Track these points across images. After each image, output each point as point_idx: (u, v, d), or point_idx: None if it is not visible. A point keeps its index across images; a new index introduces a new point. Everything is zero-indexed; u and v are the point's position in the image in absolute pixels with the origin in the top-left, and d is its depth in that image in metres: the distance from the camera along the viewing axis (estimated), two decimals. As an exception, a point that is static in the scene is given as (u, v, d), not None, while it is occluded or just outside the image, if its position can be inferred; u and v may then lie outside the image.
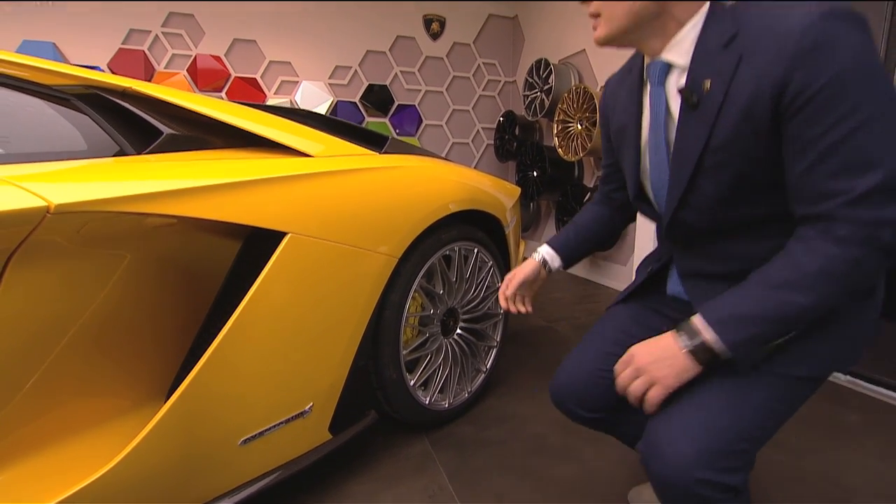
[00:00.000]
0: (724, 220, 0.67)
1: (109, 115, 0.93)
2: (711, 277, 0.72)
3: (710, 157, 0.62)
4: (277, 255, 0.90)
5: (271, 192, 0.91)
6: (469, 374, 1.53)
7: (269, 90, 3.86)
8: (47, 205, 0.65)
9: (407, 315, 1.23)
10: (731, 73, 0.57)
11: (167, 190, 0.77)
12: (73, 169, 0.78)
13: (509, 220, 1.65)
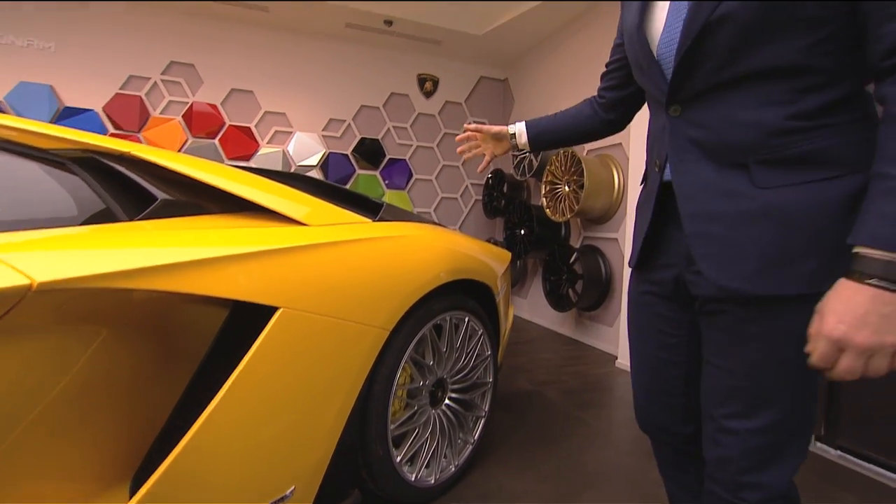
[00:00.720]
0: (740, 66, 0.59)
1: (105, 180, 0.91)
2: (702, 150, 0.65)
3: None
4: (268, 331, 0.86)
5: (264, 266, 0.89)
6: (456, 447, 1.47)
7: (263, 139, 3.92)
8: (30, 282, 0.62)
9: (396, 387, 1.19)
10: None
11: (156, 265, 0.74)
12: (60, 237, 0.75)
13: (500, 287, 1.64)
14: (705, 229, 0.64)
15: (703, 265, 0.64)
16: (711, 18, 0.59)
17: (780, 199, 0.59)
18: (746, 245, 0.61)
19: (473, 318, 1.48)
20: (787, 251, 0.59)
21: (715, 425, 0.68)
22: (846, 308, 0.50)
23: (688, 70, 0.64)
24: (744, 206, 0.61)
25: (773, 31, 0.56)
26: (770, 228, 0.59)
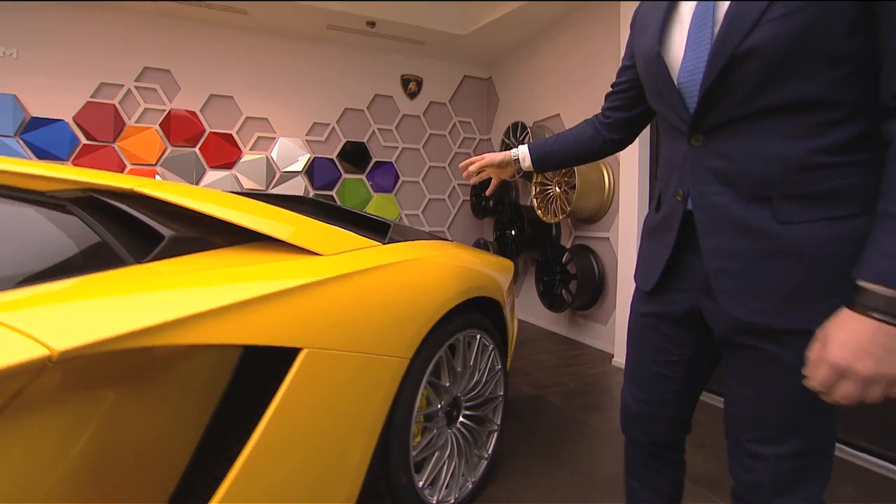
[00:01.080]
0: (767, 98, 0.60)
1: (108, 220, 0.86)
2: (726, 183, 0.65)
3: (780, 5, 0.56)
4: (293, 374, 0.83)
5: (285, 306, 0.85)
6: (472, 462, 1.46)
7: (245, 146, 3.81)
8: (50, 353, 0.58)
9: (416, 414, 1.17)
10: None
11: (177, 318, 0.70)
12: (72, 291, 0.70)
13: (507, 300, 1.64)
14: (726, 265, 0.65)
15: (724, 300, 0.66)
16: (738, 52, 0.59)
17: (803, 235, 0.60)
18: (767, 282, 0.62)
19: (484, 335, 1.47)
20: (808, 287, 0.60)
21: (742, 450, 0.70)
22: (850, 338, 0.52)
23: (712, 101, 0.64)
24: (765, 244, 0.62)
25: (798, 65, 0.57)
26: (791, 266, 0.61)
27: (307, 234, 1.06)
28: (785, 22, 0.55)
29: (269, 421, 0.80)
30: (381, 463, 1.11)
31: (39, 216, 0.80)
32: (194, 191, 1.01)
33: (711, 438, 1.88)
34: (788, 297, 0.61)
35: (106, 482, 0.76)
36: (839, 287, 0.58)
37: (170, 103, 3.57)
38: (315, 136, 4.03)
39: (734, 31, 0.59)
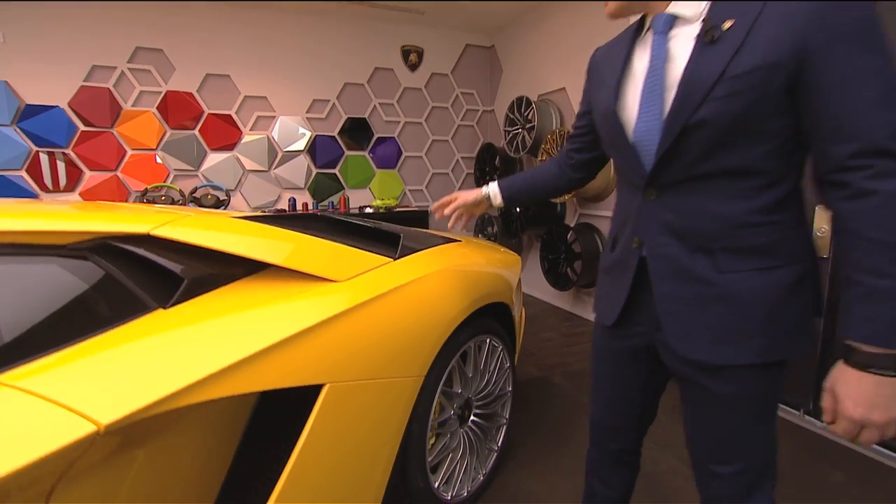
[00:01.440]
0: (712, 163, 0.69)
1: (129, 266, 0.88)
2: (675, 236, 0.75)
3: (723, 86, 0.65)
4: (318, 410, 0.88)
5: (308, 345, 0.89)
6: (483, 456, 1.54)
7: (245, 126, 3.76)
8: (97, 428, 0.62)
9: (431, 423, 1.23)
10: (757, 14, 0.64)
11: (210, 375, 0.74)
12: (107, 350, 0.74)
13: (515, 300, 1.67)
14: (674, 308, 0.76)
15: (671, 338, 0.77)
16: (690, 122, 0.68)
17: (738, 283, 0.71)
18: (708, 323, 0.73)
19: (494, 338, 1.51)
20: (742, 328, 0.71)
21: (703, 470, 0.83)
22: (858, 393, 0.62)
23: (667, 162, 0.72)
24: (707, 291, 0.73)
25: (738, 137, 0.67)
26: (727, 309, 0.72)
27: (321, 260, 1.08)
28: (727, 102, 0.65)
29: (300, 452, 0.85)
30: (400, 471, 1.18)
31: (64, 270, 0.82)
32: (209, 222, 1.02)
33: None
34: (726, 337, 0.72)
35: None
36: (765, 328, 0.70)
37: (165, 85, 3.49)
38: (315, 114, 3.95)
39: (687, 103, 0.67)
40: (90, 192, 3.38)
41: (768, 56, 0.62)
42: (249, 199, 3.84)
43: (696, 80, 0.67)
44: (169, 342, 0.79)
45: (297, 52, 3.82)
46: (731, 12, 0.65)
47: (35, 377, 0.67)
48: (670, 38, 0.71)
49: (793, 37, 0.61)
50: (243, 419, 0.93)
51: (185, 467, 0.84)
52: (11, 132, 3.12)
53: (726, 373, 0.73)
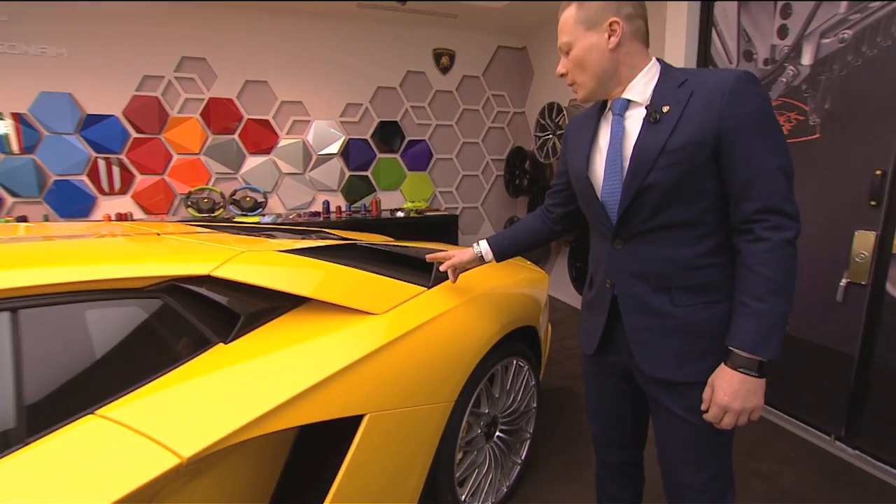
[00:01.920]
0: (662, 218, 0.87)
1: (194, 305, 0.99)
2: (640, 278, 0.92)
3: (665, 157, 0.83)
4: (359, 438, 0.98)
5: (351, 380, 0.98)
6: (507, 468, 1.63)
7: (282, 130, 3.89)
8: (180, 460, 0.73)
9: (459, 442, 1.32)
10: (686, 101, 0.83)
11: (269, 410, 0.85)
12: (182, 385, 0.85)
13: (542, 320, 1.73)
14: (642, 337, 0.93)
15: (640, 361, 0.94)
16: (643, 185, 0.86)
17: (689, 314, 0.89)
18: (670, 348, 0.90)
19: (520, 359, 1.58)
20: (694, 352, 0.89)
21: (674, 483, 0.97)
22: (728, 386, 0.82)
23: (627, 218, 0.91)
24: (667, 323, 0.90)
25: (680, 197, 0.85)
26: (683, 337, 0.89)
27: (360, 294, 1.17)
28: (669, 170, 0.83)
29: (342, 476, 0.96)
30: (430, 487, 1.28)
31: (142, 311, 0.93)
32: (260, 258, 1.12)
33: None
34: (682, 359, 0.90)
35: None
36: (712, 351, 0.87)
37: (208, 92, 3.65)
38: (349, 118, 4.06)
39: (638, 171, 0.86)
40: (141, 194, 3.60)
41: (696, 135, 0.81)
42: (285, 201, 3.99)
43: (644, 152, 0.85)
44: (232, 377, 0.90)
45: (331, 57, 3.91)
46: (668, 99, 0.85)
47: (127, 409, 0.79)
48: (626, 118, 0.90)
49: (712, 121, 0.80)
50: (287, 446, 1.04)
51: (240, 493, 0.96)
52: (75, 140, 3.35)
53: (685, 390, 0.90)
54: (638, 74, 0.90)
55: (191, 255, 1.06)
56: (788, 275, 0.80)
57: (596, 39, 0.89)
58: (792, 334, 2.11)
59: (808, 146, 2.05)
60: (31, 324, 0.77)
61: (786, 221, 0.80)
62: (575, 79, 0.94)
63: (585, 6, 0.89)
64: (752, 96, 0.80)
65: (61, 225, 1.62)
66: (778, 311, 0.79)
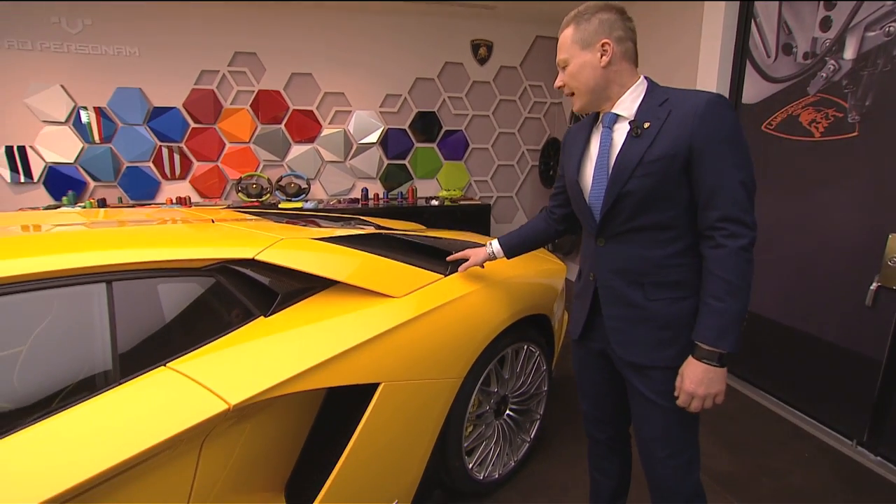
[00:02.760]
0: (639, 221, 0.98)
1: (240, 283, 1.17)
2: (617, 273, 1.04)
3: (642, 168, 0.94)
4: (373, 404, 1.14)
5: (370, 352, 1.14)
6: (515, 445, 1.76)
7: (325, 120, 4.10)
8: (228, 406, 0.91)
9: (468, 416, 1.46)
10: (665, 118, 0.93)
11: (301, 371, 1.02)
12: (230, 347, 1.04)
13: (556, 309, 1.83)
14: (617, 326, 1.06)
15: (615, 347, 1.07)
16: (622, 192, 0.98)
17: (660, 308, 1.00)
18: (639, 336, 1.03)
19: (531, 344, 1.70)
20: (661, 340, 1.01)
21: (645, 454, 1.09)
22: (693, 375, 0.94)
23: (608, 220, 1.03)
24: (640, 314, 1.02)
25: (654, 203, 0.96)
26: (652, 327, 1.01)
27: (382, 278, 1.32)
28: (644, 179, 0.95)
29: (358, 436, 1.12)
30: (439, 452, 1.43)
31: (200, 287, 1.12)
32: (297, 244, 1.29)
33: (744, 437, 2.02)
34: (651, 346, 1.02)
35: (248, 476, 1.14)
36: (677, 340, 0.99)
37: (257, 84, 3.91)
38: (388, 108, 4.21)
39: (618, 179, 0.97)
40: (197, 179, 3.93)
41: (670, 149, 0.92)
42: (327, 188, 4.23)
43: (625, 163, 0.96)
44: (271, 344, 1.08)
45: (372, 50, 4.06)
46: (649, 116, 0.95)
47: (189, 364, 0.98)
48: (614, 131, 1.01)
49: (685, 137, 0.90)
50: (315, 408, 1.22)
51: (274, 441, 1.14)
52: (143, 131, 3.71)
53: (653, 373, 1.02)
54: (626, 91, 1.01)
55: (239, 241, 1.24)
56: (743, 277, 0.90)
57: (589, 58, 0.99)
58: (817, 336, 2.09)
59: (845, 145, 2.01)
60: (122, 293, 0.97)
61: (742, 230, 0.90)
62: (572, 90, 1.05)
63: (581, 28, 1.00)
64: (720, 118, 0.90)
65: (131, 211, 1.87)
66: (733, 309, 0.90)
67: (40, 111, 3.52)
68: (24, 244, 1.09)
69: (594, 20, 0.99)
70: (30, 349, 0.87)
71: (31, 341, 0.88)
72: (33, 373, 0.86)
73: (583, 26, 0.99)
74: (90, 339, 0.92)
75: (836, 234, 2.04)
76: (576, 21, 1.01)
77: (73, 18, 3.47)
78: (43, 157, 3.59)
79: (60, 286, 0.92)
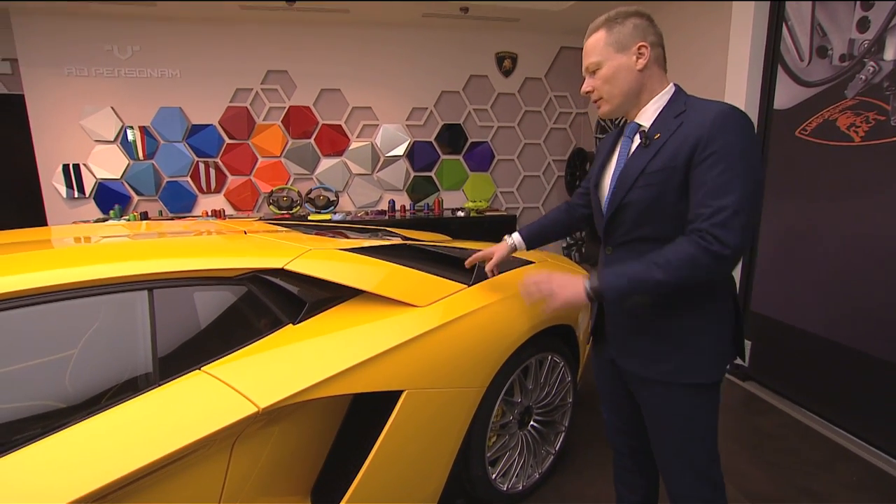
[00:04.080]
0: (640, 231, 0.98)
1: (270, 292, 1.22)
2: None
3: (643, 178, 0.95)
4: (397, 411, 1.16)
5: (395, 359, 1.17)
6: (539, 457, 1.74)
7: (353, 134, 4.22)
8: (257, 409, 0.95)
9: (491, 425, 1.46)
10: (674, 130, 0.93)
11: (327, 377, 1.05)
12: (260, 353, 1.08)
13: (580, 320, 1.81)
14: (618, 334, 1.08)
15: (616, 356, 1.08)
16: (623, 202, 0.99)
17: (659, 320, 0.99)
18: (637, 347, 1.03)
19: (555, 354, 1.68)
20: (658, 353, 1.00)
21: (659, 460, 1.08)
22: (560, 275, 1.01)
23: (611, 230, 1.04)
24: (636, 325, 1.02)
25: (653, 214, 0.96)
26: (650, 339, 1.01)
27: (407, 288, 1.35)
28: (645, 190, 0.95)
29: (381, 442, 1.14)
30: (463, 461, 1.43)
31: (232, 296, 1.18)
32: (325, 254, 1.34)
33: (784, 457, 1.93)
34: (648, 358, 1.01)
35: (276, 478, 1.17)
36: (674, 355, 0.98)
37: (288, 101, 4.06)
38: (414, 121, 4.29)
39: (620, 189, 0.99)
40: (231, 192, 4.10)
41: (671, 160, 0.91)
42: (355, 200, 4.33)
43: (628, 173, 0.98)
44: (299, 350, 1.12)
45: (398, 65, 4.17)
46: (661, 128, 0.96)
47: (222, 368, 1.02)
48: (634, 141, 1.01)
49: (688, 148, 0.89)
50: (341, 414, 1.24)
51: (301, 445, 1.17)
52: (182, 147, 3.91)
53: (652, 387, 1.01)
54: (653, 98, 1.00)
55: (269, 251, 1.30)
56: (683, 267, 0.86)
57: (625, 60, 0.98)
58: (863, 351, 1.99)
59: (890, 149, 1.92)
60: (161, 300, 1.03)
61: (721, 248, 0.83)
62: (602, 95, 1.03)
63: (616, 31, 0.98)
64: (725, 131, 0.86)
65: (170, 223, 1.98)
66: (646, 275, 0.89)
67: (93, 131, 3.77)
68: (75, 255, 1.17)
69: (628, 24, 0.97)
70: (80, 352, 0.94)
71: (81, 345, 0.94)
72: (83, 374, 0.92)
73: (616, 29, 0.98)
74: (133, 344, 0.98)
75: (881, 243, 1.94)
76: (608, 25, 0.99)
77: (123, 45, 3.71)
78: (94, 174, 3.83)
79: (107, 293, 0.99)
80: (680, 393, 0.99)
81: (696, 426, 1.01)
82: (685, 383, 0.98)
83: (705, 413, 1.01)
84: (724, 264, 0.86)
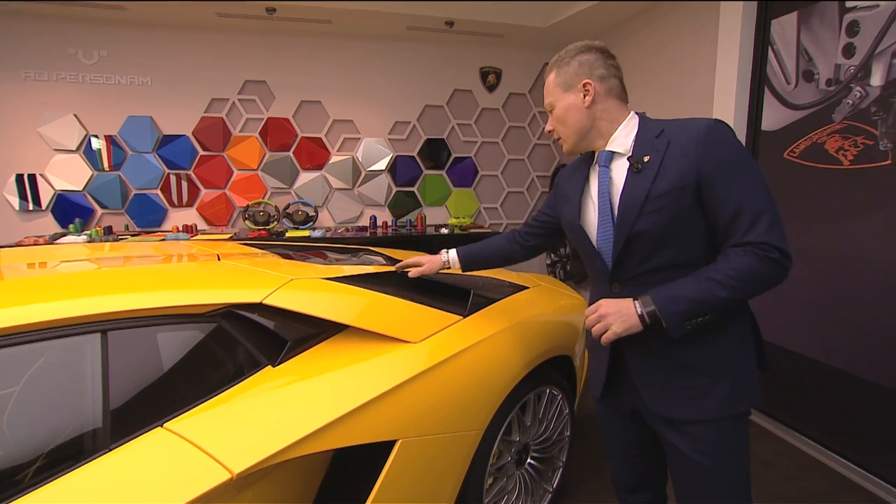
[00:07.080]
0: (655, 261, 0.92)
1: (246, 330, 1.09)
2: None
3: (650, 204, 0.89)
4: (391, 462, 1.03)
5: (387, 406, 1.04)
6: (538, 495, 1.63)
7: (333, 148, 4.08)
8: (231, 475, 0.81)
9: (489, 468, 1.35)
10: (664, 150, 0.89)
11: (312, 432, 0.92)
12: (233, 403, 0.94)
13: (578, 349, 1.72)
14: (646, 378, 0.97)
15: (647, 401, 0.97)
16: (633, 231, 0.91)
17: (691, 352, 0.92)
18: (673, 388, 0.94)
19: (553, 387, 1.59)
20: (698, 389, 0.92)
21: None
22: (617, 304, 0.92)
23: (621, 263, 0.96)
24: (669, 362, 0.94)
25: (668, 241, 0.90)
26: (686, 375, 0.93)
27: (398, 322, 1.23)
28: (657, 215, 0.89)
29: (373, 497, 1.01)
30: (459, 510, 1.31)
31: (202, 335, 1.04)
32: (307, 285, 1.21)
33: (784, 487, 1.88)
34: (687, 396, 0.92)
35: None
36: (716, 387, 0.90)
37: (267, 112, 3.91)
38: (397, 135, 4.19)
39: (626, 219, 0.92)
40: (204, 206, 3.89)
41: (678, 181, 0.87)
42: (335, 215, 4.18)
43: (630, 201, 0.91)
44: (279, 399, 0.98)
45: (381, 77, 4.07)
46: (647, 149, 0.91)
47: (188, 423, 0.88)
48: (612, 169, 0.96)
49: (691, 166, 0.86)
50: (324, 467, 1.11)
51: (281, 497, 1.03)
52: (152, 158, 3.70)
53: (692, 430, 0.93)
54: (618, 127, 0.97)
55: (246, 283, 1.17)
56: (749, 279, 0.82)
57: (573, 99, 0.98)
58: (862, 377, 1.97)
59: (878, 173, 1.93)
60: (117, 343, 0.88)
61: (779, 255, 0.83)
62: (560, 134, 1.03)
63: (562, 71, 1.00)
64: (721, 143, 0.85)
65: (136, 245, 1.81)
66: (707, 292, 0.83)
67: (52, 140, 3.52)
68: (16, 289, 1.01)
69: (573, 63, 0.99)
70: (11, 412, 0.78)
71: (11, 402, 0.79)
72: (15, 439, 0.77)
73: (563, 69, 1.00)
74: (80, 399, 0.83)
75: (874, 267, 1.93)
76: (557, 65, 1.01)
77: (89, 50, 3.50)
78: (52, 185, 3.57)
79: (50, 338, 0.84)
80: (729, 426, 0.92)
81: (743, 457, 0.94)
82: (736, 413, 0.92)
83: (747, 441, 0.95)
84: (785, 269, 0.84)
